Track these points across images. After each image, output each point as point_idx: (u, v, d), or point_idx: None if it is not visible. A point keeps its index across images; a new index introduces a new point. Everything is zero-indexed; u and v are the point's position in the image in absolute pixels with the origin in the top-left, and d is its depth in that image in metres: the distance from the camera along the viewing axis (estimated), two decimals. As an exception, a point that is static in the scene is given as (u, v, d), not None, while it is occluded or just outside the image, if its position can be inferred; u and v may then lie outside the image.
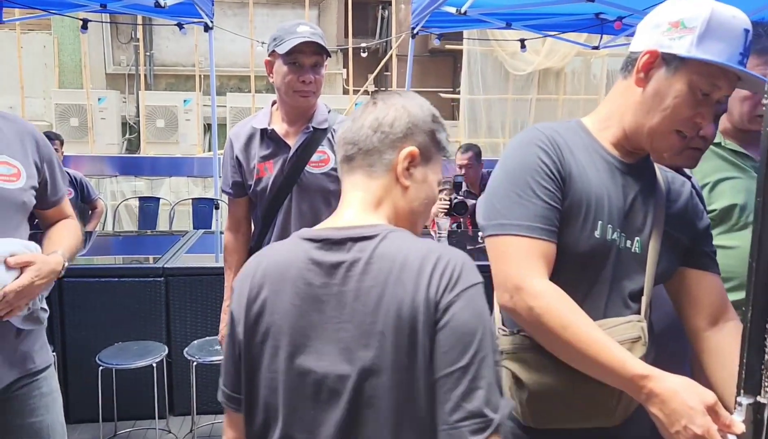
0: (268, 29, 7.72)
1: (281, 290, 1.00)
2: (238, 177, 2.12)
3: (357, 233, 0.99)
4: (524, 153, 1.26)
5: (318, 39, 1.96)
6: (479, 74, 7.52)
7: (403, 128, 1.04)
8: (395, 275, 0.94)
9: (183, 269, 3.10)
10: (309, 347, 0.98)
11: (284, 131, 2.08)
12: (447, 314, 0.92)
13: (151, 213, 4.45)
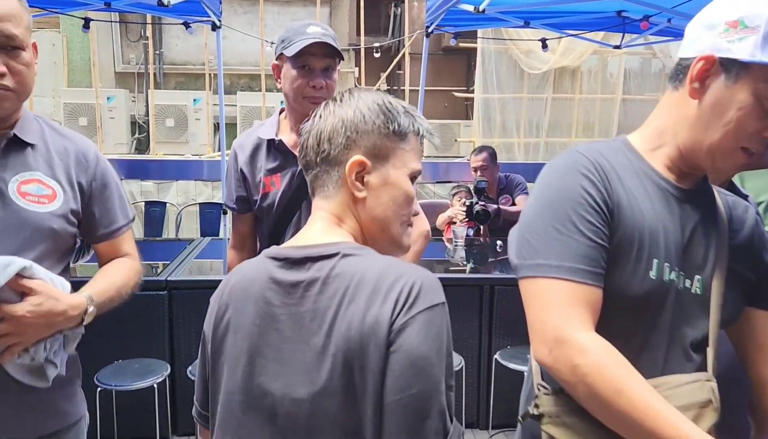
0: (279, 27, 7.54)
1: (243, 309, 0.98)
2: (243, 191, 1.95)
3: (316, 252, 0.95)
4: (565, 181, 1.08)
5: (330, 40, 1.78)
6: (494, 73, 7.31)
7: (342, 140, 0.98)
8: (350, 294, 0.90)
9: (187, 282, 2.93)
10: (267, 368, 0.94)
11: (293, 142, 1.90)
12: (400, 336, 0.86)
13: (157, 218, 4.29)
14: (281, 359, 0.93)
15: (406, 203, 1.01)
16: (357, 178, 0.98)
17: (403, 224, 1.02)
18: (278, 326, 0.94)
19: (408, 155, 1.01)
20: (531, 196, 1.14)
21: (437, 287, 0.90)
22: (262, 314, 0.96)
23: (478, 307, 3.01)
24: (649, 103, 7.43)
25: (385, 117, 0.99)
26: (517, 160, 7.26)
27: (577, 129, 7.38)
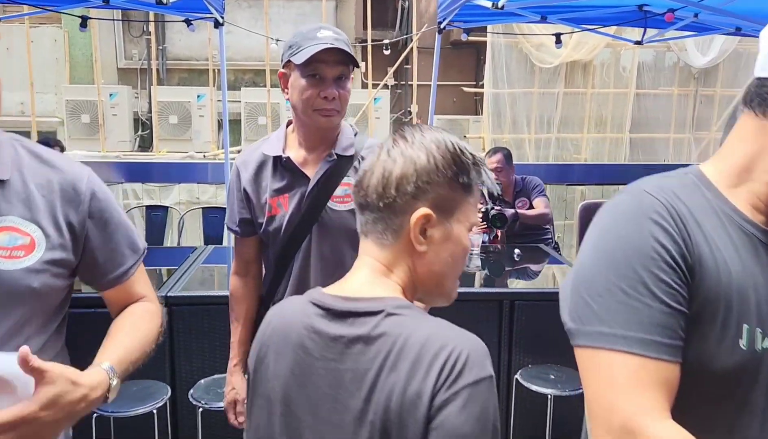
0: (284, 22, 7.32)
1: (283, 354, 0.95)
2: (247, 213, 1.75)
3: (360, 307, 0.90)
4: (633, 229, 0.88)
5: (343, 45, 1.58)
6: (504, 67, 7.07)
7: (411, 188, 0.91)
8: (392, 360, 0.85)
9: (189, 298, 2.74)
10: (302, 421, 0.91)
11: (302, 159, 1.71)
12: (441, 413, 0.81)
13: (158, 223, 4.10)
14: (318, 415, 0.90)
15: (464, 259, 0.97)
16: (420, 231, 0.92)
17: (455, 279, 0.98)
18: (316, 379, 0.91)
19: (471, 209, 0.96)
20: (587, 242, 0.94)
21: (484, 358, 0.84)
22: (301, 363, 0.92)
23: (497, 323, 2.82)
24: (664, 98, 7.20)
25: (457, 168, 0.92)
26: (527, 157, 7.04)
27: (590, 124, 7.16)
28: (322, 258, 1.69)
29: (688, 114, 7.22)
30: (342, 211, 1.67)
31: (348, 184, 1.68)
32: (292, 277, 1.71)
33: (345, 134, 1.72)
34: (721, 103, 7.17)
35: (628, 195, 0.93)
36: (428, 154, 0.91)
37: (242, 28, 6.00)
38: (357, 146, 1.71)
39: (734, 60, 7.11)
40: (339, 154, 1.68)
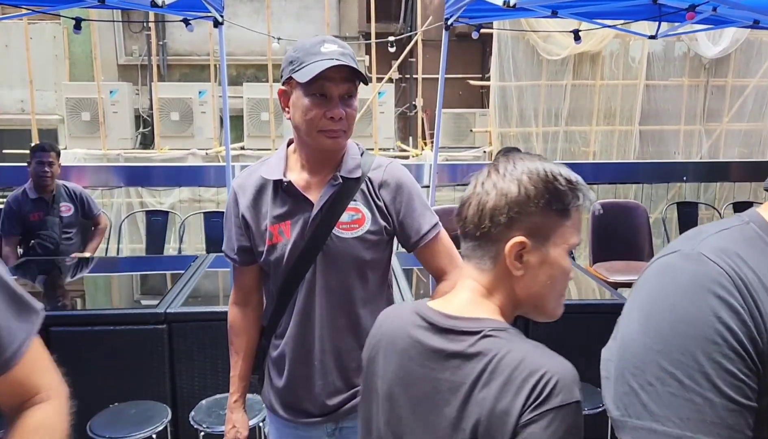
0: (286, 16, 7.14)
1: (390, 358, 1.04)
2: (246, 241, 1.61)
3: (460, 326, 0.98)
4: (691, 306, 0.73)
5: (350, 61, 1.43)
6: (510, 59, 6.89)
7: (504, 219, 0.96)
8: (485, 378, 0.91)
9: (190, 314, 2.61)
10: (403, 419, 1.00)
11: (304, 183, 1.57)
12: (526, 431, 0.86)
13: (159, 228, 3.96)
14: (417, 416, 0.99)
15: (563, 279, 1.01)
16: (516, 257, 0.97)
17: (558, 298, 1.02)
18: (417, 384, 0.99)
19: (568, 231, 0.99)
20: (633, 311, 0.79)
21: (573, 384, 0.88)
22: (405, 368, 1.01)
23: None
24: (674, 89, 7.01)
25: (550, 196, 0.96)
26: (535, 151, 6.87)
27: (598, 117, 6.98)
28: (328, 290, 1.55)
29: (698, 105, 7.03)
30: (349, 238, 1.53)
31: (355, 209, 1.54)
32: (296, 310, 1.57)
33: (351, 155, 1.57)
34: (732, 94, 6.97)
35: (683, 259, 0.77)
36: (519, 185, 0.96)
37: (240, 26, 5.83)
38: (364, 167, 1.57)
39: (746, 49, 6.90)
40: (345, 177, 1.54)
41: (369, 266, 1.56)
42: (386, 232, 1.56)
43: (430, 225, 1.57)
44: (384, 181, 1.55)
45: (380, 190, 1.55)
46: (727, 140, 6.99)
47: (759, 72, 6.89)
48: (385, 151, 6.99)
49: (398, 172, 1.57)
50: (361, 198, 1.55)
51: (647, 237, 4.07)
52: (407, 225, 1.56)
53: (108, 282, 3.34)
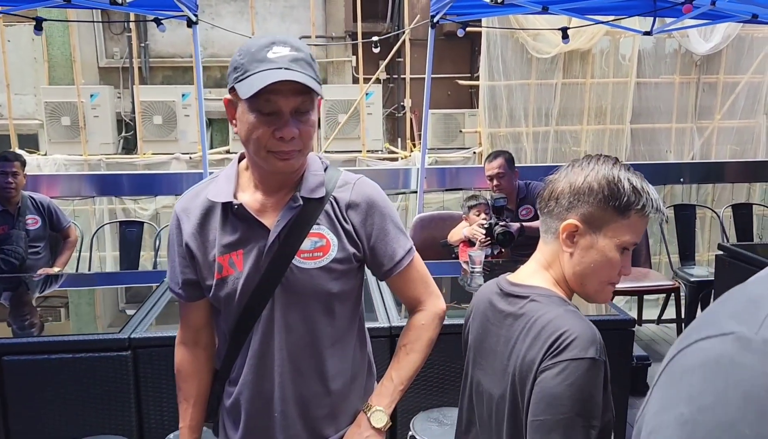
0: (271, 15, 6.87)
1: (476, 318, 1.30)
2: (191, 274, 1.36)
3: (517, 292, 1.20)
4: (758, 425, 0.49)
5: (301, 69, 1.17)
6: (499, 58, 6.65)
7: (565, 202, 1.15)
8: (523, 334, 1.13)
9: (157, 339, 2.35)
10: (482, 365, 1.26)
11: (259, 205, 1.32)
12: (541, 376, 1.06)
13: (133, 240, 3.69)
14: (487, 362, 1.23)
15: (606, 269, 1.15)
16: (568, 236, 1.15)
17: (600, 283, 1.18)
18: (490, 338, 1.23)
19: (623, 229, 1.13)
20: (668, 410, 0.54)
21: (590, 345, 1.05)
22: (483, 325, 1.26)
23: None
24: (665, 86, 6.79)
25: (609, 193, 1.12)
26: (525, 151, 6.66)
27: (589, 116, 6.75)
28: (288, 329, 1.31)
29: (690, 103, 6.82)
30: (311, 269, 1.29)
31: (319, 235, 1.30)
32: (251, 352, 1.32)
33: (312, 171, 1.33)
34: (724, 91, 6.77)
35: (743, 351, 0.50)
36: (585, 178, 1.13)
37: (216, 26, 5.58)
38: (328, 185, 1.33)
39: (737, 46, 6.69)
40: (306, 198, 1.30)
41: (336, 299, 1.32)
42: (355, 259, 1.33)
43: (404, 250, 1.36)
44: (352, 201, 1.33)
45: (348, 212, 1.32)
46: (719, 138, 6.78)
47: (750, 68, 6.69)
48: (374, 153, 6.75)
49: (368, 189, 1.35)
50: (326, 221, 1.31)
51: (644, 241, 3.84)
52: (379, 251, 1.34)
53: (77, 300, 3.08)
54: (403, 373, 1.37)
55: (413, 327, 1.40)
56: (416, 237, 3.72)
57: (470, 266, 3.01)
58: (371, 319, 2.47)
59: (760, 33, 6.67)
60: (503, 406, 1.16)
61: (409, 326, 1.42)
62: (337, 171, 1.38)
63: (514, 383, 1.12)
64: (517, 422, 1.12)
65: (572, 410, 1.02)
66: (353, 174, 1.39)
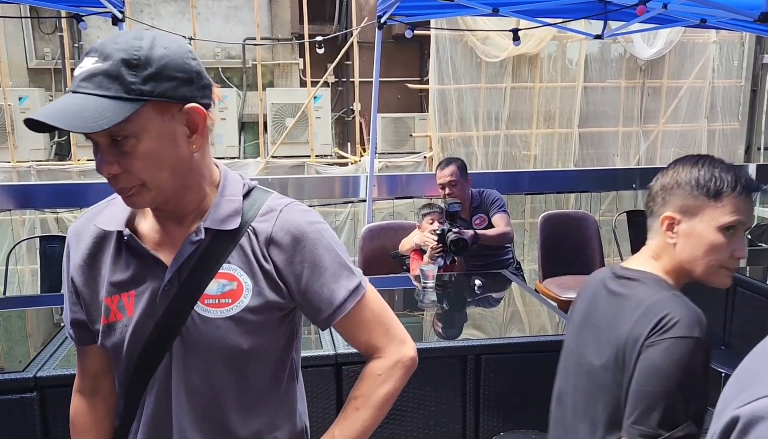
0: (214, 16, 6.52)
1: (584, 297, 1.43)
2: (80, 313, 1.09)
3: (629, 274, 1.31)
4: None
5: (90, 89, 0.89)
6: (449, 62, 6.48)
7: (660, 200, 1.29)
8: (630, 311, 1.24)
9: (69, 378, 2.03)
10: (585, 339, 1.36)
11: (158, 237, 1.05)
12: (647, 350, 1.17)
13: (55, 258, 3.33)
14: (594, 336, 1.33)
15: (712, 253, 1.24)
16: (668, 228, 1.28)
17: (709, 267, 1.25)
18: (598, 314, 1.34)
19: (718, 212, 1.22)
20: None
21: (694, 326, 1.15)
22: (593, 303, 1.37)
23: (460, 383, 2.23)
24: (611, 91, 6.74)
25: (697, 185, 1.24)
26: (476, 155, 6.50)
27: (538, 120, 6.66)
28: (189, 391, 1.03)
29: (635, 106, 6.81)
30: (217, 319, 1.01)
31: (228, 276, 1.01)
32: (144, 417, 1.05)
33: (227, 195, 1.05)
34: (668, 95, 6.78)
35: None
36: (672, 175, 1.27)
37: (154, 27, 5.21)
38: (247, 214, 1.05)
39: (679, 51, 6.71)
40: (212, 230, 1.02)
41: (250, 359, 1.04)
42: (278, 308, 1.05)
43: (347, 290, 1.07)
44: (275, 233, 1.03)
45: (270, 248, 1.03)
46: (663, 141, 6.79)
47: (692, 73, 6.71)
48: (323, 158, 6.48)
49: (297, 219, 1.05)
50: (240, 259, 1.03)
51: (598, 249, 3.70)
52: (314, 295, 1.05)
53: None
54: (348, 432, 1.07)
55: (367, 377, 1.11)
56: (365, 248, 3.47)
57: (422, 280, 2.78)
58: (312, 345, 2.21)
59: (701, 39, 6.70)
60: (603, 375, 1.26)
61: (362, 375, 1.12)
62: (264, 195, 1.08)
63: (617, 356, 1.22)
64: (615, 390, 1.22)
65: (674, 384, 1.11)
66: (283, 199, 1.09)
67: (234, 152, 6.40)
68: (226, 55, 6.61)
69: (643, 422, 1.13)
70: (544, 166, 6.63)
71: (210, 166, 1.06)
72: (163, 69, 0.91)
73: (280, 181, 4.99)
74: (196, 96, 0.95)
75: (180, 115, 0.95)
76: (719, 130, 6.76)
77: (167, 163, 0.95)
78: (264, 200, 1.07)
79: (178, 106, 0.94)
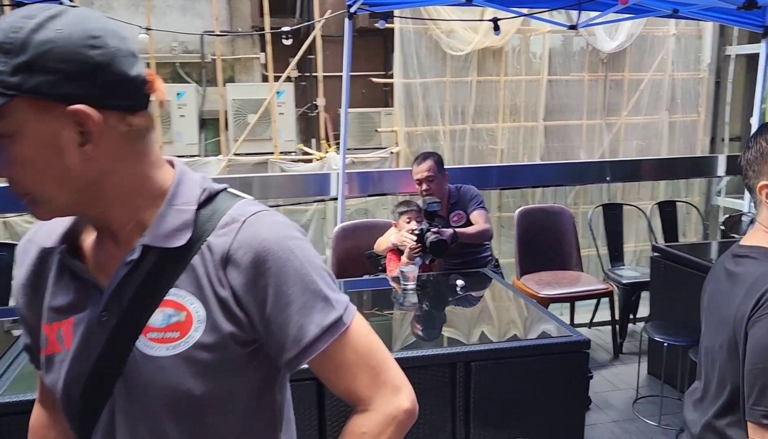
0: (170, 8, 6.22)
1: (710, 281, 1.43)
2: (27, 337, 0.94)
3: (742, 252, 1.33)
4: None
5: None
6: (414, 55, 6.33)
7: (752, 173, 1.30)
8: (740, 287, 1.25)
9: (17, 405, 1.80)
10: (707, 319, 1.40)
11: (98, 257, 0.86)
12: (753, 327, 1.17)
13: (3, 268, 3.03)
14: (714, 317, 1.34)
15: None
16: (766, 196, 1.29)
17: None
18: (716, 296, 1.35)
19: None
20: None
21: None
22: (714, 286, 1.38)
23: (450, 392, 2.08)
24: (575, 84, 6.71)
25: None
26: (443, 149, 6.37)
27: (504, 113, 6.57)
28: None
29: (598, 99, 6.79)
30: (161, 358, 0.80)
31: (175, 305, 0.81)
32: None
33: (176, 205, 0.83)
34: (630, 88, 6.78)
35: None
36: (756, 147, 1.29)
37: (108, 18, 4.88)
38: (202, 226, 0.83)
39: (640, 44, 6.72)
40: (153, 248, 0.82)
41: (208, 407, 0.83)
42: (239, 343, 0.83)
43: (320, 327, 0.83)
44: (233, 251, 0.81)
45: (227, 269, 0.82)
46: (626, 134, 6.80)
47: (653, 66, 6.73)
48: (287, 155, 6.25)
49: (263, 232, 0.82)
50: (190, 283, 0.82)
51: (575, 244, 3.61)
52: (277, 330, 0.82)
53: None
54: None
55: (349, 434, 0.88)
56: (338, 249, 3.30)
57: (402, 282, 2.62)
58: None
59: (660, 32, 6.73)
60: (720, 356, 1.27)
61: (344, 432, 0.89)
62: (230, 202, 0.86)
63: (730, 335, 1.23)
64: (731, 370, 1.23)
65: None
66: (253, 206, 0.86)
67: (194, 150, 6.13)
68: (183, 49, 6.31)
69: (762, 403, 1.12)
70: (510, 159, 6.56)
71: (149, 174, 0.83)
72: (39, 58, 0.71)
73: (243, 181, 4.72)
74: (90, 95, 0.74)
75: (65, 118, 0.74)
76: (679, 122, 6.81)
77: (51, 174, 0.75)
78: (227, 208, 0.85)
79: (61, 106, 0.73)
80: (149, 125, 0.81)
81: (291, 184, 4.16)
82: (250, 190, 4.33)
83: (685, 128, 6.79)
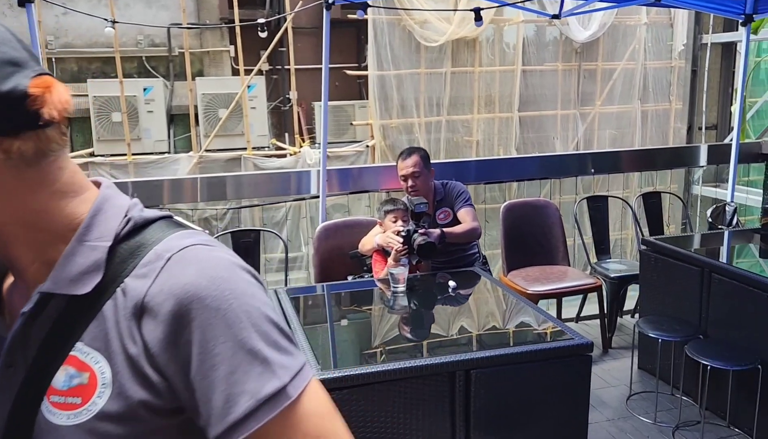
0: (135, 1, 5.95)
1: None
2: None
3: None
4: None
5: None
6: (387, 47, 6.19)
7: None
8: None
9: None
10: None
11: (14, 302, 0.71)
12: None
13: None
14: None
15: None
16: None
17: None
18: None
19: None
20: None
21: None
22: None
23: (449, 401, 1.96)
24: (549, 74, 6.64)
25: None
26: (418, 142, 6.24)
27: (479, 105, 6.47)
28: None
29: (572, 89, 6.74)
30: (63, 426, 0.63)
31: (78, 363, 0.64)
32: None
33: (88, 242, 0.66)
34: (603, 78, 6.74)
35: None
36: None
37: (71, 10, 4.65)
38: (120, 265, 0.66)
39: (613, 34, 6.68)
40: (54, 295, 0.66)
41: None
42: (157, 412, 0.65)
43: (255, 399, 0.62)
44: (150, 298, 0.64)
45: (141, 321, 0.64)
46: (600, 123, 6.77)
47: (625, 55, 6.70)
48: (260, 150, 6.05)
49: (190, 272, 0.64)
50: (97, 337, 0.64)
51: (561, 238, 3.53)
52: (201, 398, 0.63)
53: None
54: None
55: None
56: (321, 249, 3.14)
57: (392, 284, 2.49)
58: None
59: (632, 21, 6.69)
60: None
61: None
62: (162, 233, 0.68)
63: None
64: None
65: None
66: (187, 239, 0.67)
67: (163, 147, 5.89)
68: (149, 42, 6.05)
69: None
70: (486, 151, 6.46)
71: (51, 205, 0.67)
72: None
73: (217, 180, 4.41)
74: None
75: None
76: (651, 111, 6.80)
77: None
78: (156, 242, 0.67)
79: None
80: (44, 148, 0.63)
81: (268, 183, 3.97)
82: (225, 191, 4.11)
83: (657, 117, 6.78)
